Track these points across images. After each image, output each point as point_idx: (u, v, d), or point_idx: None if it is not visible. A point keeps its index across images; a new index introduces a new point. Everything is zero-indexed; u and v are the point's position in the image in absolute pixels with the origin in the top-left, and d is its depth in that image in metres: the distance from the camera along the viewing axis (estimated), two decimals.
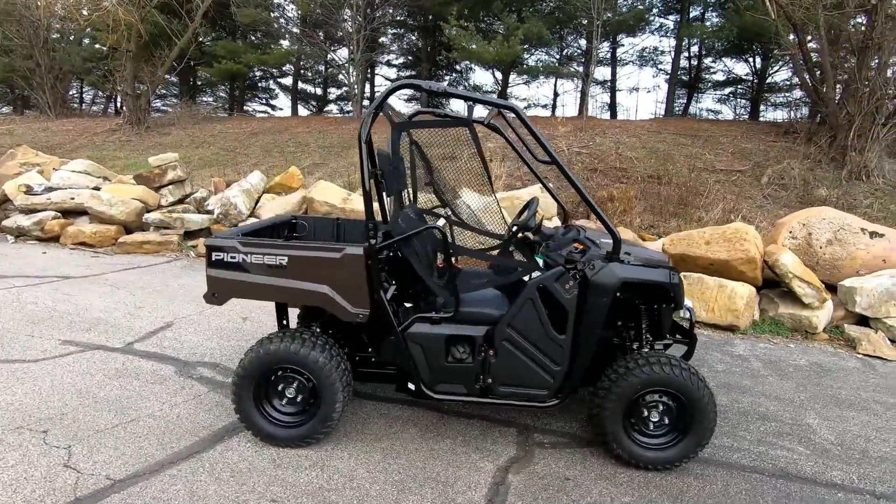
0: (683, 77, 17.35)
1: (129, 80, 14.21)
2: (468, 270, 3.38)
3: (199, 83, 20.84)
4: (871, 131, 9.00)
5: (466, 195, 3.87)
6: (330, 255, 2.62)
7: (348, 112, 20.41)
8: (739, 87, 17.49)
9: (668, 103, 14.90)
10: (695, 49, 16.59)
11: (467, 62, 17.66)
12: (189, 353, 4.03)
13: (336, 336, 2.96)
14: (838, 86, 10.01)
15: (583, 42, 16.32)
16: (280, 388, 2.80)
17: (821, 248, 5.56)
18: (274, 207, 7.66)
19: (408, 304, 2.90)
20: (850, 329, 5.09)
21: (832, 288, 5.42)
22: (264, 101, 22.14)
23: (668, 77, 16.58)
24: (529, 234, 3.15)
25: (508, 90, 17.03)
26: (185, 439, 2.86)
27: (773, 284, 5.53)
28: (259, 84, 21.50)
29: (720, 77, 17.05)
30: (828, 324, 5.26)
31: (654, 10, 15.33)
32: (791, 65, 13.27)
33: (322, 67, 20.12)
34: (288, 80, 20.47)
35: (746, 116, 16.48)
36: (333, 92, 21.68)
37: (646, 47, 17.56)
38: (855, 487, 2.74)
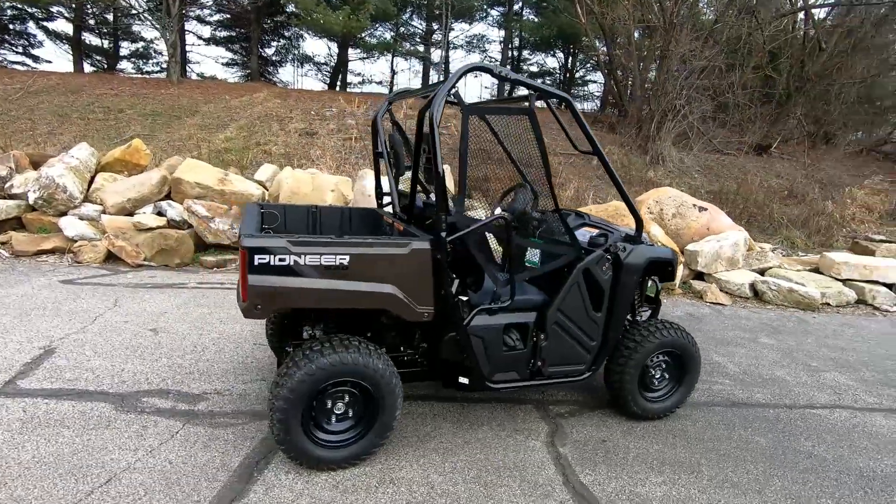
0: (506, 65, 19.04)
1: None
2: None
3: None
4: (664, 126, 11.30)
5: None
6: (396, 252, 2.38)
7: (154, 72, 17.23)
8: (548, 79, 19.94)
9: (500, 90, 16.22)
10: (516, 41, 18.28)
11: (298, 29, 16.45)
12: (116, 383, 3.17)
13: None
14: (643, 85, 12.23)
15: (420, 22, 16.58)
16: (328, 405, 2.46)
17: (669, 220, 6.91)
18: (121, 190, 6.22)
19: (463, 298, 2.79)
20: (695, 284, 6.50)
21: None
22: (21, 51, 17.24)
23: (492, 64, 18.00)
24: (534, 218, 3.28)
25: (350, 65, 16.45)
26: (204, 489, 2.32)
27: None
28: (11, 26, 16.63)
29: (535, 69, 19.18)
30: (680, 281, 6.62)
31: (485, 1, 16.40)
32: (596, 64, 15.69)
33: (110, 16, 16.49)
34: (58, 26, 16.27)
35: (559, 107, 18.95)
36: (126, 47, 17.99)
37: (475, 34, 18.69)
38: (774, 403, 3.65)
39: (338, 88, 17.29)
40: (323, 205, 3.80)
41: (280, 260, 2.20)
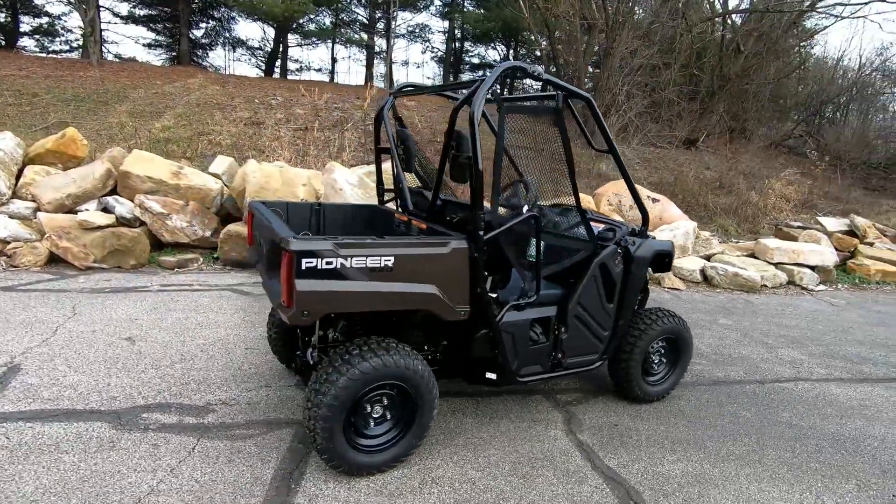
0: (444, 56, 19.05)
1: None
2: None
3: None
4: (608, 120, 11.84)
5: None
6: (437, 251, 2.35)
7: (63, 52, 15.55)
8: (489, 72, 20.16)
9: (444, 80, 16.21)
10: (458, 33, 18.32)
11: (230, 10, 15.51)
12: (106, 400, 2.90)
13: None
14: (584, 80, 12.70)
15: (362, 10, 16.18)
16: (367, 409, 2.41)
17: (627, 211, 7.30)
18: (59, 185, 5.61)
19: (492, 295, 2.79)
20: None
21: None
22: None
23: (434, 55, 17.97)
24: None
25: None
26: None
27: None
28: None
29: (476, 61, 19.35)
30: None
31: None
32: (538, 59, 16.10)
33: None
34: None
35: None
36: (28, 22, 16.10)
37: (418, 24, 18.51)
38: (748, 380, 4.00)
39: (276, 75, 16.51)
40: (327, 202, 3.66)
41: (327, 263, 2.11)
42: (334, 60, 17.98)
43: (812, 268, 7.45)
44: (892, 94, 20.58)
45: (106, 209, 5.72)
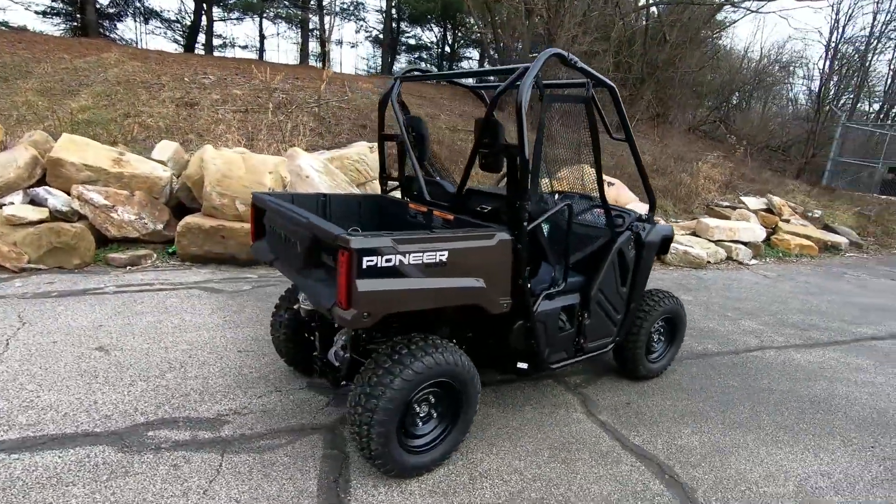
0: (380, 36, 18.54)
1: None
2: None
3: None
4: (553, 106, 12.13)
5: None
6: (485, 244, 2.28)
7: None
8: (425, 53, 19.95)
9: (383, 62, 15.80)
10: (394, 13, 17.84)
11: None
12: (98, 420, 2.58)
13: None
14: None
15: None
16: (415, 409, 2.33)
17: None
18: None
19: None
20: None
21: None
22: None
23: (368, 35, 17.43)
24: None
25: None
26: None
27: None
28: None
29: (412, 42, 19.01)
30: None
31: None
32: (476, 42, 16.09)
33: None
34: None
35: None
36: None
37: (352, 1, 17.82)
38: (724, 351, 4.31)
39: (200, 51, 15.24)
40: (332, 192, 3.43)
41: (387, 261, 1.98)
42: (262, 37, 16.89)
43: (745, 244, 8.16)
44: (788, 84, 22.84)
45: (34, 202, 5.03)
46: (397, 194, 3.47)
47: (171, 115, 8.68)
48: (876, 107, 20.57)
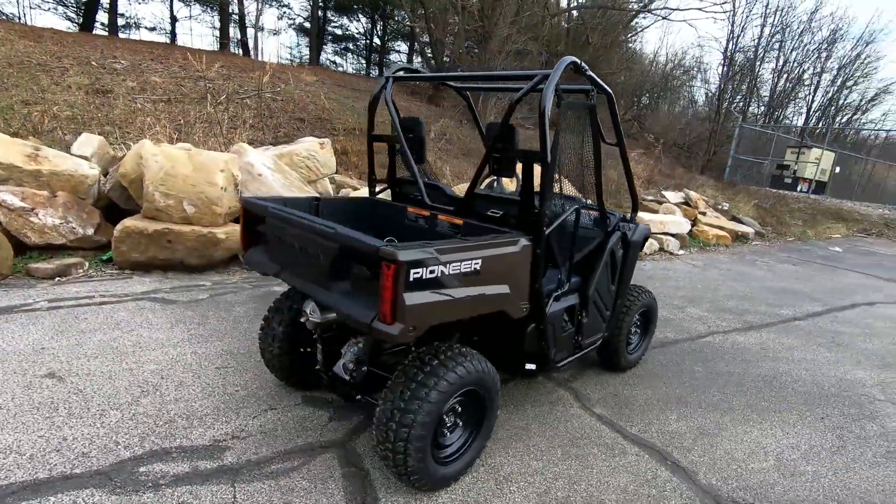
0: (305, 25, 17.79)
1: None
2: None
3: None
4: (490, 102, 12.33)
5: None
6: (512, 250, 2.27)
7: None
8: (352, 44, 19.42)
9: (312, 51, 15.18)
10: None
11: None
12: (76, 459, 2.27)
13: None
14: (458, 60, 12.96)
15: None
16: (444, 420, 2.28)
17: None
18: None
19: None
20: None
21: None
22: None
23: (292, 22, 16.65)
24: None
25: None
26: None
27: None
28: None
29: (339, 31, 18.42)
30: None
31: None
32: (405, 35, 15.92)
33: None
34: None
35: (363, 72, 18.66)
36: None
37: None
38: (681, 339, 4.65)
39: (100, 31, 13.71)
40: (323, 195, 3.22)
41: (430, 272, 1.91)
42: (174, 19, 15.49)
43: (674, 235, 8.83)
44: (690, 87, 24.97)
45: None
46: (385, 196, 3.36)
47: (80, 103, 7.75)
48: (763, 109, 23.08)
